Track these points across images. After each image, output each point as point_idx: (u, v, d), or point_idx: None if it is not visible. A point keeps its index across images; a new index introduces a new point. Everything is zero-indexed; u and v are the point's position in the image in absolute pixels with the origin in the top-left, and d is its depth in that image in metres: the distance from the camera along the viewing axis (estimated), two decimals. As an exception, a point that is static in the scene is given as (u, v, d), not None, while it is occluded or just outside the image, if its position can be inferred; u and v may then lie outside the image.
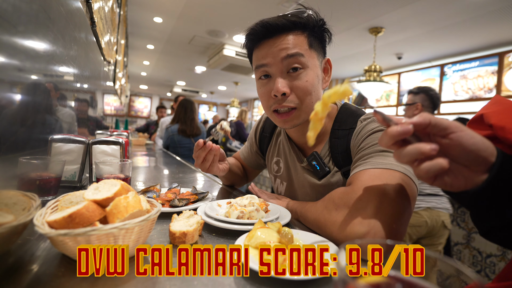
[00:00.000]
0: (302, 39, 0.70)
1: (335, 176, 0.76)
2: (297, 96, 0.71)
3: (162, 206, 0.65)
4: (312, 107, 0.73)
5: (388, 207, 0.52)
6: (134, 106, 11.17)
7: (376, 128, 0.67)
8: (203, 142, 0.83)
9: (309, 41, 0.71)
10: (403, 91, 5.50)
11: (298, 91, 0.70)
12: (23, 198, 0.44)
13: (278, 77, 0.70)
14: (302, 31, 0.70)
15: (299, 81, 0.70)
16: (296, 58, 0.69)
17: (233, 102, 8.45)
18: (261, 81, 0.75)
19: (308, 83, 0.70)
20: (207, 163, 0.86)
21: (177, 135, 2.94)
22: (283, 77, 0.71)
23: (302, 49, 0.69)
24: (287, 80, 0.70)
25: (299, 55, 0.69)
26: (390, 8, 3.14)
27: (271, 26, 0.69)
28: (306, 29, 0.71)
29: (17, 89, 0.55)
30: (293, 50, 0.68)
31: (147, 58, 6.25)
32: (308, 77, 0.70)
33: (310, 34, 0.71)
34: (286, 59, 0.69)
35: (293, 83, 0.70)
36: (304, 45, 0.70)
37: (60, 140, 0.78)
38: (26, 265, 0.39)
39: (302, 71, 0.70)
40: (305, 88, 0.70)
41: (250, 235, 0.48)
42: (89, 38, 1.20)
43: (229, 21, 3.87)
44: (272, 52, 0.70)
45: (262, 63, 0.72)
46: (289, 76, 0.70)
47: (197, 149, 0.84)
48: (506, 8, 3.00)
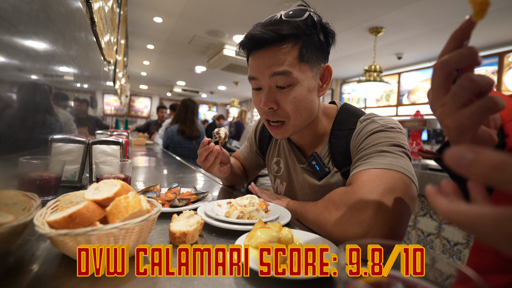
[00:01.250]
0: (292, 53, 0.66)
1: (335, 176, 0.76)
2: (286, 110, 0.70)
3: (162, 206, 0.65)
4: (302, 120, 0.72)
5: (388, 207, 0.52)
6: (134, 106, 11.17)
7: (376, 129, 0.67)
8: (207, 141, 0.84)
9: (300, 53, 0.67)
10: (403, 91, 5.50)
11: (286, 106, 0.69)
12: (23, 198, 0.44)
13: (266, 92, 0.70)
14: (294, 42, 0.66)
15: (286, 97, 0.68)
16: (283, 76, 0.66)
17: (233, 102, 8.45)
18: (254, 91, 0.75)
19: (295, 99, 0.68)
20: (207, 163, 0.87)
21: (176, 135, 2.93)
22: (271, 92, 0.69)
23: (291, 65, 0.66)
24: (275, 94, 0.69)
25: (286, 73, 0.66)
26: (390, 8, 3.14)
27: (259, 39, 0.66)
28: (299, 38, 0.66)
29: (17, 89, 0.55)
30: (280, 67, 0.66)
31: (147, 58, 6.25)
32: (296, 93, 0.68)
33: (304, 43, 0.67)
34: (273, 76, 0.67)
35: (281, 98, 0.69)
36: (293, 59, 0.66)
37: (60, 140, 0.78)
38: (26, 265, 0.39)
39: (290, 88, 0.68)
40: (292, 104, 0.69)
41: (250, 235, 0.48)
42: (89, 38, 1.20)
43: (229, 21, 3.87)
44: (259, 68, 0.68)
45: (252, 75, 0.71)
46: (278, 91, 0.69)
47: (201, 147, 0.85)
48: (506, 8, 3.00)
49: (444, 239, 2.22)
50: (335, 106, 0.83)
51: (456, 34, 0.33)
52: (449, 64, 0.32)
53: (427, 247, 2.33)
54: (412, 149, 2.90)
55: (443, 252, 2.23)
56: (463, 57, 0.31)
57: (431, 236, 2.31)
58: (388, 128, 0.67)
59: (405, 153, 0.63)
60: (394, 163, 0.59)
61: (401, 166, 0.58)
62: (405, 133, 0.69)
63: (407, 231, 2.49)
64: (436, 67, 0.33)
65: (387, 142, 0.64)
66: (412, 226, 2.46)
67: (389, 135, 0.65)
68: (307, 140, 0.83)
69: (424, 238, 2.36)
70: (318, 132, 0.81)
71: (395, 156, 0.61)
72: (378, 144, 0.64)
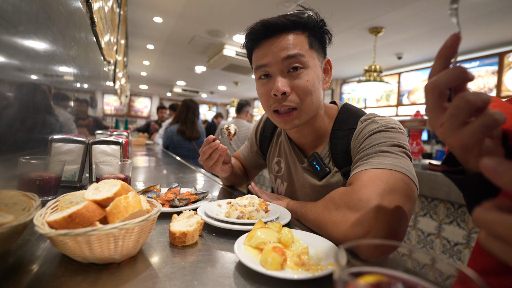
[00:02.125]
0: (302, 39, 0.70)
1: (335, 176, 0.76)
2: (297, 95, 0.70)
3: (162, 206, 0.65)
4: (312, 107, 0.73)
5: (388, 207, 0.52)
6: (134, 106, 11.17)
7: (377, 129, 0.67)
8: (212, 139, 0.82)
9: (309, 41, 0.71)
10: (403, 91, 5.50)
11: (298, 90, 0.70)
12: (23, 198, 0.44)
13: (278, 76, 0.70)
14: (303, 31, 0.70)
15: (299, 80, 0.69)
16: (296, 58, 0.68)
17: (233, 102, 8.45)
18: (261, 81, 0.75)
19: (308, 83, 0.70)
20: (211, 161, 0.85)
21: (176, 136, 2.93)
22: (284, 77, 0.70)
23: (303, 49, 0.69)
24: (287, 79, 0.70)
25: (299, 55, 0.68)
26: (390, 8, 3.14)
27: (272, 25, 0.69)
28: (307, 29, 0.71)
29: (17, 89, 0.55)
30: (294, 50, 0.68)
31: (147, 58, 6.25)
32: (308, 76, 0.70)
33: (310, 34, 0.71)
34: (286, 59, 0.68)
35: (293, 83, 0.70)
36: (304, 45, 0.70)
37: (60, 140, 0.78)
38: (26, 265, 0.39)
39: (303, 71, 0.70)
40: (306, 87, 0.69)
41: (250, 235, 0.48)
42: (89, 38, 1.20)
43: (229, 21, 3.87)
44: (273, 52, 0.69)
45: (262, 63, 0.72)
46: (290, 76, 0.70)
47: (205, 145, 0.83)
48: (506, 8, 3.00)
49: (444, 239, 2.22)
50: (335, 106, 0.84)
51: (442, 53, 0.33)
52: (439, 85, 0.32)
53: (427, 247, 2.33)
54: (412, 149, 2.90)
55: (443, 252, 2.23)
56: (452, 77, 0.31)
57: (431, 236, 2.31)
58: (389, 128, 0.67)
59: (406, 153, 0.63)
60: (395, 163, 0.59)
61: (402, 167, 0.58)
62: (405, 133, 0.69)
63: (407, 231, 2.49)
64: (427, 89, 0.33)
65: (387, 142, 0.64)
66: (412, 226, 2.46)
67: (389, 135, 0.66)
68: (307, 139, 0.83)
69: (424, 238, 2.36)
70: (319, 131, 0.81)
71: (396, 156, 0.61)
72: (379, 144, 0.64)
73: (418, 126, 2.87)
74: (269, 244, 0.44)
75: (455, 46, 0.32)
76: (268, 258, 0.39)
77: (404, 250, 0.28)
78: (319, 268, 0.40)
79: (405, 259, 0.28)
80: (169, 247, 0.49)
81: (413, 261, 0.28)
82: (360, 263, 0.27)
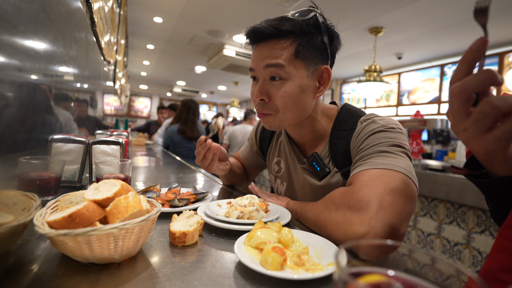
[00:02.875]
0: (289, 49, 0.68)
1: (335, 176, 0.76)
2: (275, 104, 0.72)
3: (162, 206, 0.65)
4: (292, 116, 0.73)
5: (388, 207, 0.52)
6: (134, 106, 11.16)
7: (377, 129, 0.67)
8: (204, 139, 0.84)
9: (296, 49, 0.68)
10: (403, 91, 5.50)
11: (275, 99, 0.71)
12: (23, 198, 0.44)
13: (259, 83, 0.72)
14: (293, 39, 0.68)
15: (277, 91, 0.70)
16: (275, 68, 0.68)
17: (233, 102, 8.45)
18: (252, 83, 0.78)
19: (285, 94, 0.70)
20: (206, 161, 0.87)
21: (176, 135, 2.93)
22: (265, 84, 0.72)
23: (285, 60, 0.68)
24: (268, 86, 0.72)
25: (279, 66, 0.68)
26: (390, 8, 3.14)
27: (258, 32, 0.70)
28: (297, 36, 0.68)
29: (17, 89, 0.55)
30: (274, 60, 0.68)
31: (147, 58, 6.25)
32: (286, 87, 0.69)
33: (301, 42, 0.68)
34: (267, 68, 0.69)
35: (272, 91, 0.71)
36: (288, 55, 0.68)
37: (60, 140, 0.78)
38: (26, 265, 0.39)
39: (282, 81, 0.70)
40: (282, 98, 0.70)
41: (250, 235, 0.48)
42: (89, 38, 1.20)
43: (229, 21, 3.87)
44: (258, 58, 0.71)
45: (250, 66, 0.75)
46: (271, 84, 0.71)
47: (198, 146, 0.85)
48: (506, 8, 3.00)
49: (444, 239, 2.22)
50: (335, 107, 0.83)
51: (467, 57, 0.32)
52: (466, 89, 0.31)
53: (427, 247, 2.34)
54: (412, 149, 2.90)
55: (443, 252, 2.23)
56: (482, 81, 0.30)
57: (431, 236, 2.31)
58: (389, 128, 0.67)
59: (406, 153, 0.63)
60: (395, 163, 0.59)
61: (402, 167, 0.58)
62: (405, 133, 0.69)
63: (407, 231, 2.49)
64: (453, 93, 0.32)
65: (387, 142, 0.64)
66: (412, 226, 2.46)
67: (389, 136, 0.66)
68: (306, 139, 0.83)
69: (424, 238, 2.36)
70: (318, 132, 0.81)
71: (396, 156, 0.61)
72: (379, 144, 0.64)
73: (418, 126, 2.87)
74: (269, 244, 0.44)
75: (482, 50, 0.31)
76: (268, 258, 0.39)
77: (404, 250, 0.28)
78: (319, 268, 0.40)
79: (405, 259, 0.28)
80: (169, 247, 0.49)
81: (413, 261, 0.28)
82: (360, 263, 0.27)
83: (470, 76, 0.31)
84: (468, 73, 0.32)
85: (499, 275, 0.42)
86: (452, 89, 0.32)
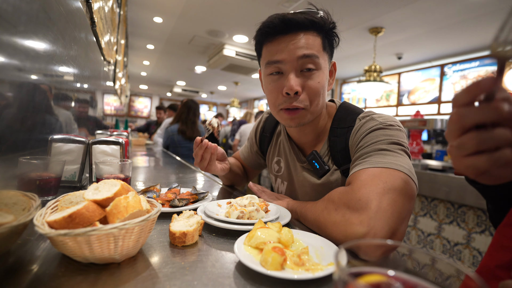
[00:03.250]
0: (317, 40, 0.70)
1: (334, 174, 0.76)
2: (308, 96, 0.71)
3: (162, 206, 0.65)
4: (319, 108, 0.74)
5: (387, 206, 0.52)
6: (134, 106, 11.16)
7: (375, 127, 0.67)
8: (200, 140, 0.83)
9: (323, 43, 0.71)
10: (403, 91, 5.50)
11: (309, 91, 0.70)
12: (23, 198, 0.44)
13: (291, 74, 0.69)
14: (318, 32, 0.70)
15: (311, 81, 0.70)
16: (311, 58, 0.68)
17: (233, 102, 8.45)
18: (272, 77, 0.73)
19: (319, 85, 0.70)
20: (205, 162, 0.86)
21: (176, 135, 2.94)
22: (297, 75, 0.70)
23: (318, 51, 0.70)
24: (300, 78, 0.70)
25: (315, 56, 0.69)
26: (390, 8, 3.14)
27: (290, 21, 0.68)
28: (322, 30, 0.71)
29: (17, 89, 0.55)
30: (310, 50, 0.68)
31: (147, 58, 6.25)
32: (320, 78, 0.70)
33: (324, 36, 0.72)
34: (302, 58, 0.68)
35: (305, 83, 0.70)
36: (319, 46, 0.70)
37: (60, 140, 0.78)
38: (26, 265, 0.39)
39: (316, 72, 0.70)
40: (316, 89, 0.70)
41: (250, 235, 0.48)
42: (89, 38, 1.20)
43: (229, 21, 3.87)
44: (289, 49, 0.68)
45: (276, 59, 0.70)
46: (302, 75, 0.70)
47: (195, 147, 0.84)
48: (506, 8, 3.00)
49: (444, 239, 2.22)
50: (334, 104, 0.84)
51: (473, 89, 0.32)
52: (464, 124, 0.32)
53: (427, 247, 2.34)
54: (412, 149, 2.90)
55: (443, 252, 2.23)
56: (481, 118, 0.31)
57: (431, 236, 2.31)
58: (387, 125, 0.67)
59: (405, 151, 0.63)
60: (394, 161, 0.59)
61: (401, 165, 0.58)
62: (404, 130, 0.69)
63: (407, 231, 2.49)
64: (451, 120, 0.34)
65: (386, 140, 0.64)
66: (412, 226, 2.46)
67: (388, 133, 0.65)
68: (308, 138, 0.83)
69: (424, 238, 2.36)
70: (319, 129, 0.81)
71: (395, 154, 0.61)
72: (377, 142, 0.64)
73: (418, 126, 2.87)
74: (269, 244, 0.44)
75: (489, 88, 0.31)
76: (268, 258, 0.39)
77: (404, 250, 0.28)
78: (319, 268, 0.40)
79: (405, 259, 0.28)
80: (169, 247, 0.49)
81: (413, 261, 0.28)
82: (360, 263, 0.27)
83: (473, 110, 0.32)
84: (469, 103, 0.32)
85: (495, 271, 0.42)
86: (452, 116, 0.34)
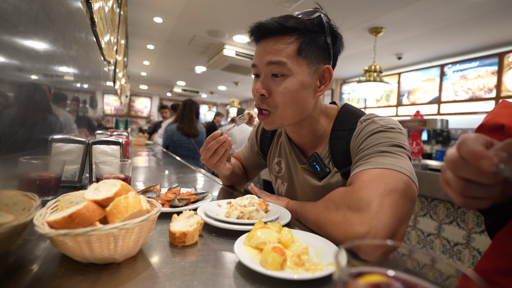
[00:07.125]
0: (291, 45, 0.69)
1: (335, 176, 0.76)
2: (274, 100, 0.72)
3: (162, 206, 0.65)
4: (291, 113, 0.73)
5: (388, 207, 0.52)
6: (134, 106, 11.16)
7: (376, 129, 0.68)
8: (219, 133, 0.79)
9: (300, 47, 0.69)
10: (403, 91, 5.50)
11: (276, 95, 0.72)
12: (23, 198, 0.44)
13: (261, 79, 0.73)
14: (294, 36, 0.69)
15: (278, 86, 0.71)
16: (277, 65, 0.69)
17: (233, 102, 8.44)
18: (254, 79, 0.78)
19: (286, 90, 0.70)
20: (216, 157, 0.81)
21: (176, 134, 2.95)
22: (266, 80, 0.72)
23: (287, 57, 0.69)
24: (269, 82, 0.72)
25: (281, 63, 0.69)
26: (390, 8, 3.14)
27: (263, 28, 0.71)
28: (301, 34, 0.69)
29: (17, 89, 0.55)
30: (276, 57, 0.69)
31: (147, 58, 6.25)
32: (288, 84, 0.70)
33: (304, 40, 0.69)
34: (269, 64, 0.70)
35: (273, 87, 0.72)
36: (291, 52, 0.69)
37: (60, 140, 0.78)
38: (26, 265, 0.39)
39: (283, 78, 0.70)
40: (282, 94, 0.71)
41: (250, 235, 0.48)
42: (89, 38, 1.20)
43: (229, 21, 3.87)
44: (260, 55, 0.72)
45: (253, 63, 0.75)
46: (272, 80, 0.72)
47: (211, 140, 0.79)
48: (506, 8, 3.00)
49: (444, 239, 2.22)
50: (335, 107, 0.84)
51: (470, 158, 0.32)
52: (456, 173, 0.34)
53: (427, 247, 2.34)
54: (412, 149, 2.90)
55: (443, 252, 2.23)
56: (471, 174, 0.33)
57: (431, 236, 2.31)
58: (389, 128, 0.67)
59: (406, 153, 0.63)
60: (395, 163, 0.59)
61: (402, 166, 0.58)
62: (405, 133, 0.69)
63: (407, 231, 2.49)
64: (443, 168, 0.38)
65: (387, 142, 0.64)
66: (412, 226, 2.46)
67: (389, 136, 0.66)
68: (306, 140, 0.83)
69: (424, 238, 2.36)
70: (318, 132, 0.81)
71: (396, 156, 0.61)
72: (379, 144, 0.65)
73: (418, 126, 2.87)
74: (269, 244, 0.44)
75: (483, 170, 0.31)
76: (268, 258, 0.39)
77: (404, 250, 0.28)
78: (319, 268, 0.40)
79: (405, 259, 0.28)
80: (169, 247, 0.49)
81: (413, 261, 0.28)
82: (360, 263, 0.27)
83: (460, 185, 0.35)
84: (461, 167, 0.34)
85: (494, 277, 0.42)
86: (446, 161, 0.36)
